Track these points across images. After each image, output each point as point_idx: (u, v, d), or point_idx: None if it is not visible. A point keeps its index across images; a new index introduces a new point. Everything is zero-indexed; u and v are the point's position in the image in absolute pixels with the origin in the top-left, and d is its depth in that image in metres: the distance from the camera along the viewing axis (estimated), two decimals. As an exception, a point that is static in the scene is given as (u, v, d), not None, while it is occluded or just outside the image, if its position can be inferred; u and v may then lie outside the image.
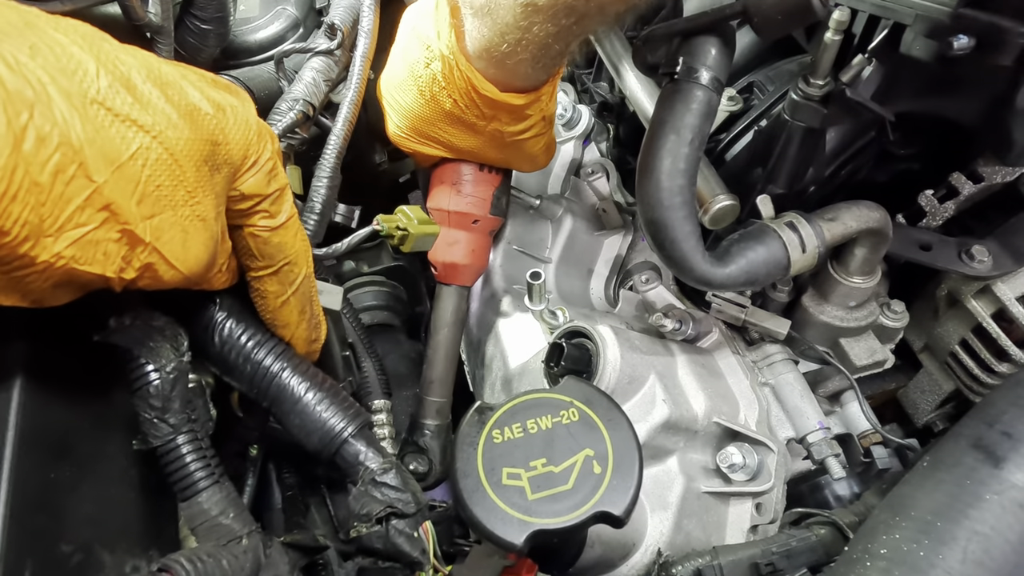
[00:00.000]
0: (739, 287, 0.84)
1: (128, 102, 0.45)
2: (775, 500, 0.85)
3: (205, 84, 0.54)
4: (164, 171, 0.47)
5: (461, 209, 0.88)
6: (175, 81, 0.50)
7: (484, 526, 0.59)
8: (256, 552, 0.59)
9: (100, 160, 0.43)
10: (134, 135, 0.45)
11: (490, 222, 0.90)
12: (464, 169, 0.87)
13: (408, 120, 0.83)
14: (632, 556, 0.78)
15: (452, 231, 0.89)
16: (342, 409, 0.65)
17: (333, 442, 0.64)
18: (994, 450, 0.68)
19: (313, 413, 0.63)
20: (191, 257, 0.51)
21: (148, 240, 0.47)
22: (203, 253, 0.52)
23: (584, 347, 0.82)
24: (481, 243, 0.91)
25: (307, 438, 0.64)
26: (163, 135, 0.47)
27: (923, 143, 0.96)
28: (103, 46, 0.46)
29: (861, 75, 0.78)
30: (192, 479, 0.57)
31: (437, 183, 0.89)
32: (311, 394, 0.64)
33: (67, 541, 0.51)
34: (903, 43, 0.78)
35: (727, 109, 0.95)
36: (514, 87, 0.75)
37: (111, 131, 0.44)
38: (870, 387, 1.08)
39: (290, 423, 0.64)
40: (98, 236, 0.44)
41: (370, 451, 0.64)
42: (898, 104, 0.83)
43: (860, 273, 0.92)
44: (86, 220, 0.43)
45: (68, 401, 0.56)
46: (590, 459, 0.62)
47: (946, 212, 0.94)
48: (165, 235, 0.48)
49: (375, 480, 0.63)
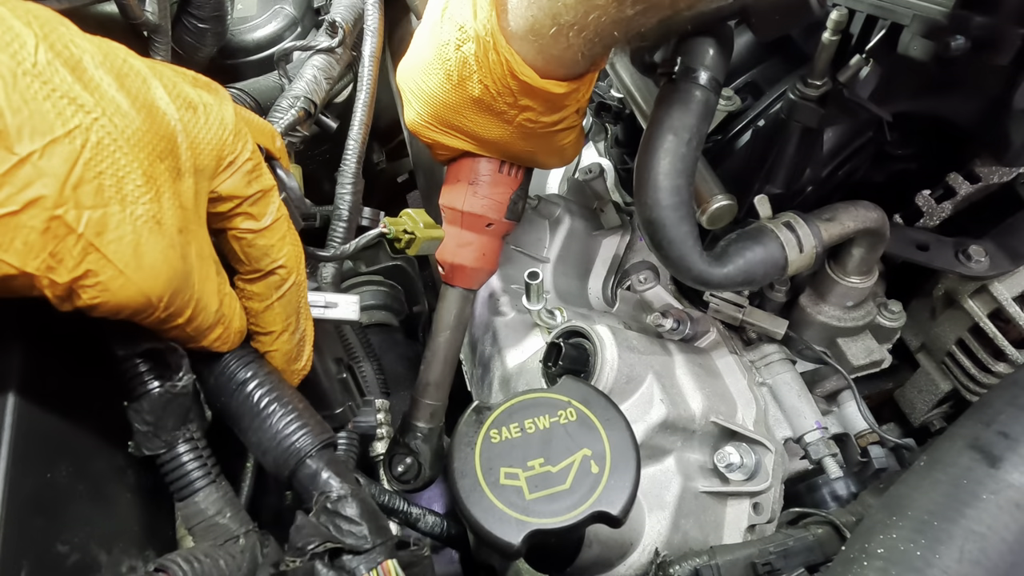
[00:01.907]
0: (737, 287, 0.84)
1: (68, 80, 0.42)
2: (772, 500, 0.85)
3: (180, 81, 0.51)
4: (108, 158, 0.43)
5: (476, 211, 0.83)
6: (138, 75, 0.47)
7: (481, 526, 0.59)
8: (253, 551, 0.59)
9: (26, 129, 0.39)
10: (73, 113, 0.41)
11: (504, 226, 0.86)
12: (483, 168, 0.82)
13: (431, 107, 0.75)
14: (630, 556, 0.78)
15: (464, 232, 0.84)
16: (304, 426, 0.58)
17: (288, 462, 0.57)
18: (991, 450, 0.68)
19: (271, 429, 0.58)
20: (145, 266, 0.45)
21: (82, 231, 0.41)
22: (161, 264, 0.46)
23: (582, 347, 0.82)
24: (492, 247, 0.87)
25: (263, 457, 0.58)
26: (109, 120, 0.43)
27: (920, 143, 0.96)
28: (56, 28, 0.43)
29: (859, 75, 0.79)
30: (188, 479, 0.57)
31: (453, 180, 0.84)
32: (273, 407, 0.58)
33: (63, 541, 0.51)
34: (900, 43, 0.78)
35: (725, 109, 0.95)
36: (555, 74, 0.68)
37: (44, 104, 0.40)
38: (867, 387, 1.08)
39: (248, 440, 0.59)
40: (18, 221, 0.39)
41: (330, 474, 0.57)
42: (896, 104, 0.83)
43: (857, 273, 0.92)
44: (3, 199, 0.38)
45: (65, 400, 0.56)
46: (588, 459, 0.62)
47: (943, 212, 0.94)
48: (110, 233, 0.43)
49: (327, 508, 0.55)
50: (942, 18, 0.73)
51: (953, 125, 0.88)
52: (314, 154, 1.16)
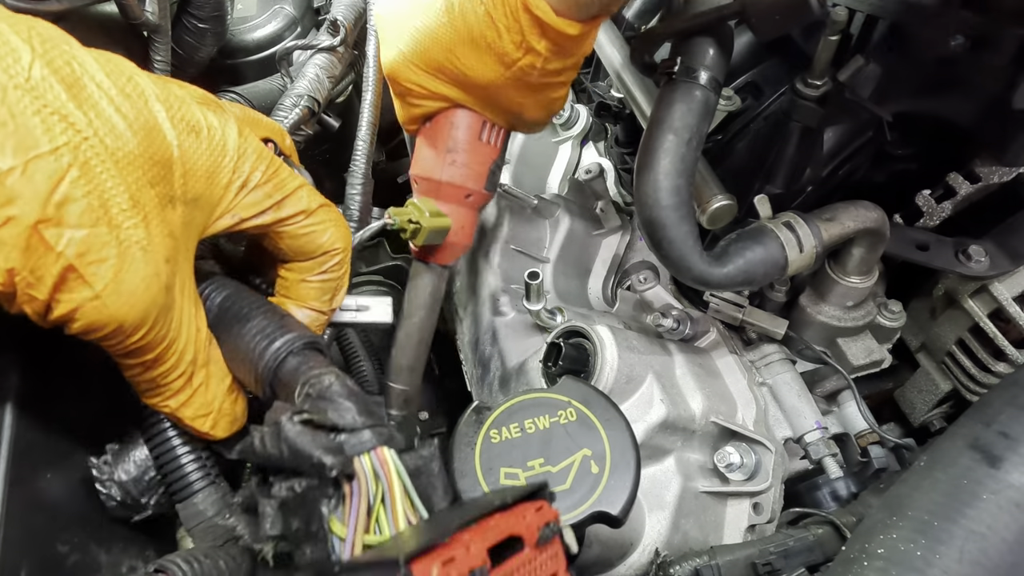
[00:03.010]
0: (737, 287, 0.84)
1: (62, 98, 0.41)
2: (772, 500, 0.85)
3: (186, 101, 0.50)
4: (96, 179, 0.42)
5: (455, 180, 0.75)
6: (141, 95, 0.46)
7: (482, 526, 0.59)
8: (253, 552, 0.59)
9: (10, 144, 0.39)
10: (62, 130, 0.41)
11: (483, 197, 0.79)
12: (461, 133, 0.74)
13: (419, 44, 0.67)
14: (630, 556, 0.78)
15: (440, 205, 0.77)
16: (287, 329, 0.54)
17: (270, 363, 0.52)
18: (991, 450, 0.68)
19: (254, 335, 0.53)
20: (124, 291, 0.44)
21: (62, 250, 0.41)
22: (142, 293, 0.45)
23: (582, 347, 0.82)
24: (470, 220, 0.80)
25: (247, 368, 0.53)
26: (100, 140, 0.42)
27: (920, 143, 0.96)
28: (58, 45, 0.43)
29: (859, 75, 0.79)
30: (188, 480, 0.57)
31: (428, 147, 0.76)
32: (256, 318, 0.54)
33: (63, 541, 0.51)
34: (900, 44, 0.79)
35: (725, 109, 0.95)
36: (568, 13, 0.62)
37: (33, 119, 0.40)
38: (867, 387, 1.08)
39: (228, 357, 0.55)
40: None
41: (314, 365, 0.51)
42: (895, 104, 0.83)
43: (857, 273, 0.92)
44: None
45: (66, 401, 0.56)
46: (588, 459, 0.62)
47: (943, 212, 0.94)
48: (93, 254, 0.42)
49: (310, 395, 0.48)
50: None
51: (953, 125, 0.88)
52: (315, 154, 1.16)
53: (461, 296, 1.08)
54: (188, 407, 0.53)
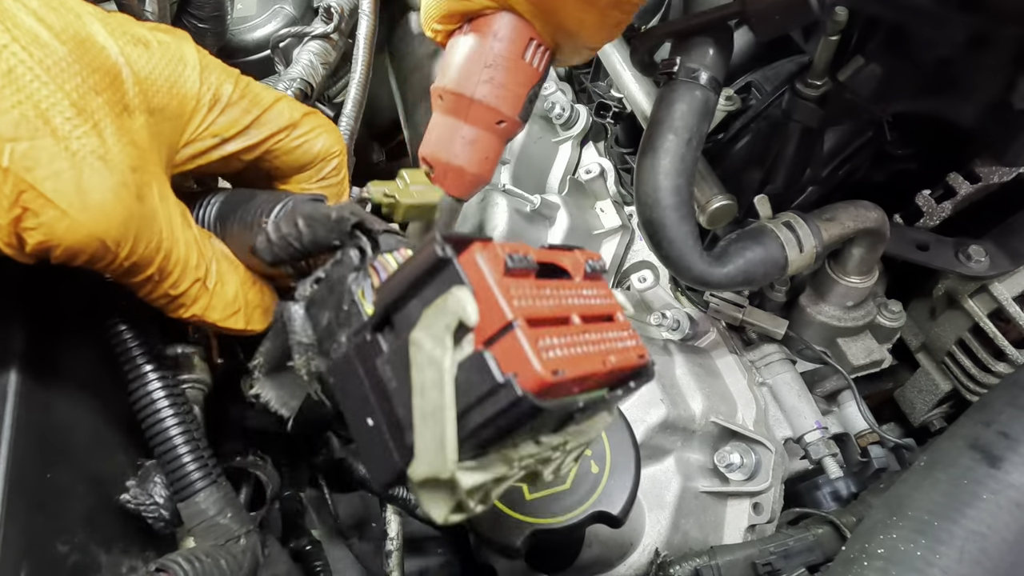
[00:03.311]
0: (737, 287, 0.84)
1: None
2: (772, 500, 0.85)
3: (131, 24, 0.49)
4: (25, 88, 0.41)
5: (490, 101, 0.66)
6: (70, 11, 0.45)
7: (482, 526, 0.59)
8: (254, 551, 0.59)
9: None
10: None
11: (515, 126, 0.70)
12: (502, 49, 0.64)
13: None
14: (630, 556, 0.78)
15: (467, 127, 0.68)
16: (292, 195, 0.53)
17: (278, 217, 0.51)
18: (991, 450, 0.68)
19: (257, 208, 0.53)
20: (92, 205, 0.42)
21: (7, 165, 0.40)
22: (112, 203, 0.43)
23: (582, 347, 0.82)
24: (496, 151, 0.71)
25: (258, 230, 0.52)
26: (22, 48, 0.41)
27: (920, 143, 0.96)
28: None
29: (859, 75, 0.79)
30: (189, 479, 0.57)
31: (461, 57, 0.66)
32: (257, 196, 0.54)
33: (63, 541, 0.51)
34: (900, 44, 0.79)
35: (725, 109, 0.95)
36: None
37: None
38: (867, 387, 1.08)
39: (240, 248, 0.54)
40: None
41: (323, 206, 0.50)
42: (895, 104, 0.83)
43: (857, 273, 0.92)
44: None
45: (66, 400, 0.56)
46: (588, 459, 0.62)
47: (943, 212, 0.94)
48: (43, 168, 0.41)
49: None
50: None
51: (953, 125, 0.88)
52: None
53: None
54: (213, 310, 0.52)
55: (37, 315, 0.55)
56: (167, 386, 0.56)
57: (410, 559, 0.93)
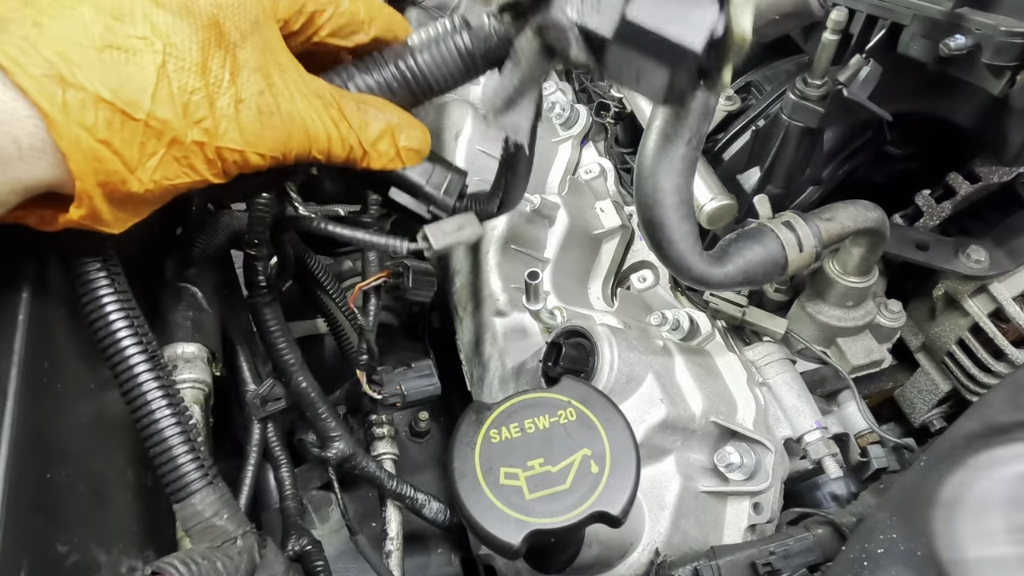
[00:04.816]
0: (736, 287, 0.84)
1: (127, 33, 0.46)
2: (772, 500, 0.85)
3: None
4: (187, 74, 0.48)
5: None
6: None
7: (481, 526, 0.59)
8: (251, 553, 0.59)
9: (135, 98, 0.46)
10: (148, 60, 0.47)
11: None
12: None
13: None
14: (630, 556, 0.78)
15: None
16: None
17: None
18: (991, 450, 0.68)
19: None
20: (251, 138, 0.51)
21: (208, 140, 0.49)
22: (258, 131, 0.52)
23: (582, 347, 0.82)
24: None
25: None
26: (170, 44, 0.48)
27: (920, 143, 0.96)
28: None
29: (859, 75, 0.79)
30: (185, 480, 0.56)
31: None
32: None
33: (63, 541, 0.51)
34: (900, 43, 0.79)
35: (725, 109, 0.95)
36: None
37: (130, 68, 0.46)
38: (867, 387, 1.08)
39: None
40: (172, 155, 0.48)
41: None
42: (896, 104, 0.83)
43: (857, 273, 0.92)
44: (154, 149, 0.47)
45: (66, 400, 0.56)
46: (587, 459, 0.62)
47: (943, 212, 0.94)
48: (223, 126, 0.50)
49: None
50: (942, 17, 0.73)
51: (953, 125, 0.88)
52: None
53: (461, 296, 1.08)
54: (375, 162, 0.60)
55: (37, 314, 0.55)
56: (163, 386, 0.56)
57: (410, 558, 0.93)
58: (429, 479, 1.04)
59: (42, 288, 0.56)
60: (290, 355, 0.84)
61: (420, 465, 1.07)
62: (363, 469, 0.86)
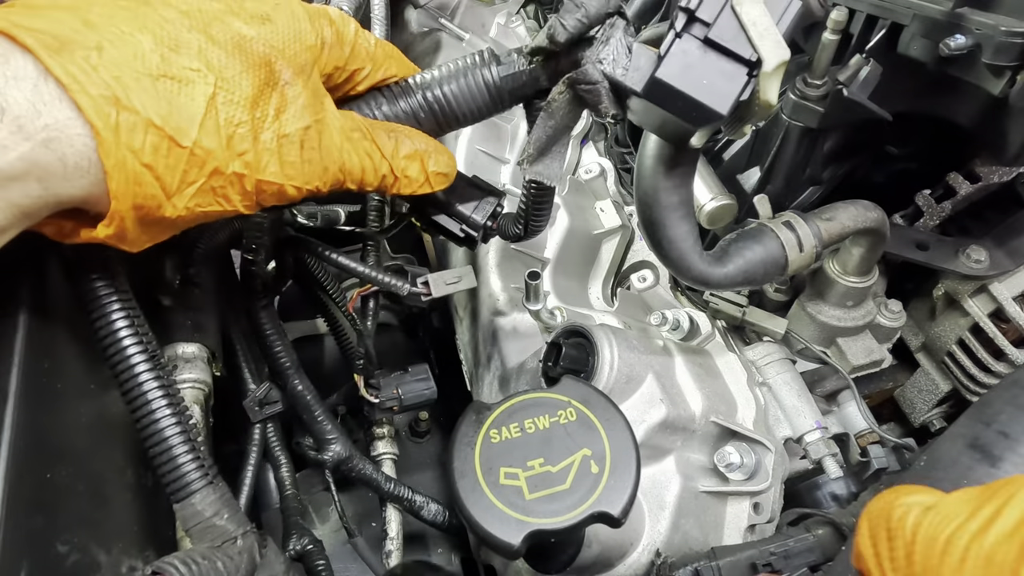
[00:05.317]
0: (737, 286, 0.84)
1: (182, 65, 0.48)
2: (772, 500, 0.85)
3: (249, 2, 0.55)
4: (235, 108, 0.50)
5: None
6: (217, 18, 0.52)
7: (481, 526, 0.59)
8: (251, 552, 0.59)
9: (183, 126, 0.47)
10: (200, 92, 0.48)
11: None
12: None
13: None
14: (630, 556, 0.78)
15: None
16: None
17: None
18: (991, 450, 0.68)
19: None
20: (292, 172, 0.54)
21: (248, 173, 0.51)
22: (299, 167, 0.54)
23: (582, 347, 0.82)
24: None
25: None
26: (221, 78, 0.50)
27: (920, 143, 0.96)
28: (148, 14, 0.49)
29: (859, 75, 0.78)
30: (185, 480, 0.56)
31: None
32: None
33: (63, 541, 0.51)
34: (900, 43, 0.78)
35: (725, 109, 0.95)
36: None
37: (182, 97, 0.48)
38: (867, 387, 1.08)
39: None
40: (210, 185, 0.50)
41: None
42: (896, 104, 0.83)
43: (857, 273, 0.92)
44: (194, 177, 0.49)
45: (66, 400, 0.56)
46: (587, 459, 0.62)
47: (943, 212, 0.94)
48: (264, 160, 0.52)
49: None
50: (942, 17, 0.73)
51: (953, 125, 0.88)
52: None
53: (460, 296, 1.08)
54: (405, 189, 0.63)
55: (37, 315, 0.55)
56: (163, 385, 0.56)
57: (410, 558, 0.93)
58: (429, 479, 1.05)
59: (42, 288, 0.56)
60: (286, 358, 0.84)
61: (420, 465, 1.07)
62: (360, 472, 0.86)
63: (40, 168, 0.44)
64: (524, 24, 1.52)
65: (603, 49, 0.58)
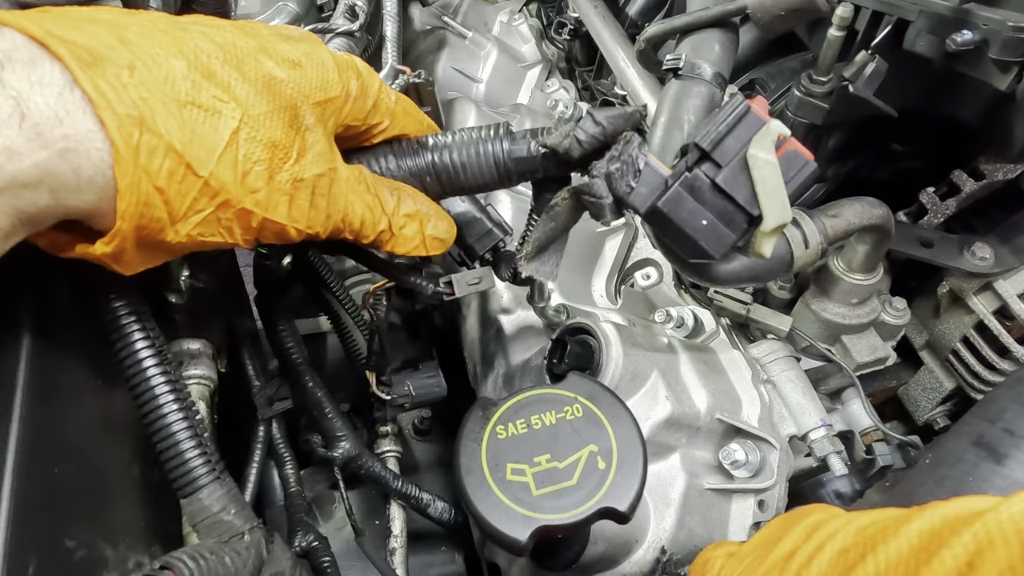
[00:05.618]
0: (741, 283, 0.84)
1: (212, 94, 0.49)
2: (777, 497, 0.85)
3: (279, 43, 0.56)
4: (255, 145, 0.50)
5: None
6: (251, 55, 0.53)
7: (488, 522, 0.59)
8: (258, 548, 0.58)
9: (202, 156, 0.48)
10: (224, 124, 0.49)
11: None
12: None
13: None
14: (635, 553, 0.78)
15: None
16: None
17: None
18: (996, 447, 0.68)
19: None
20: (300, 216, 0.55)
21: (257, 211, 0.52)
22: (308, 211, 0.55)
23: (587, 344, 0.82)
24: None
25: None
26: (247, 114, 0.50)
27: (925, 140, 0.96)
28: (185, 41, 0.50)
29: (864, 71, 0.78)
30: (193, 476, 0.56)
31: None
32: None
33: (71, 536, 0.51)
34: (906, 39, 0.78)
35: (729, 106, 0.95)
36: None
37: (205, 127, 0.48)
38: (871, 384, 1.08)
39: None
40: (216, 216, 0.50)
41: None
42: (901, 100, 0.83)
43: (862, 270, 0.92)
44: (203, 206, 0.49)
45: (73, 396, 0.56)
46: (594, 455, 0.62)
47: (947, 209, 0.94)
48: (275, 200, 0.52)
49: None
50: (948, 13, 0.73)
51: (958, 122, 0.88)
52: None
53: (465, 293, 1.07)
54: (400, 247, 0.64)
55: (44, 311, 0.55)
56: (169, 381, 0.56)
57: (414, 556, 0.93)
58: (433, 476, 1.05)
59: (49, 285, 0.56)
60: (297, 354, 0.84)
61: (423, 462, 1.07)
62: (369, 469, 0.86)
63: (53, 178, 0.43)
64: (527, 22, 1.53)
65: (613, 164, 0.59)
